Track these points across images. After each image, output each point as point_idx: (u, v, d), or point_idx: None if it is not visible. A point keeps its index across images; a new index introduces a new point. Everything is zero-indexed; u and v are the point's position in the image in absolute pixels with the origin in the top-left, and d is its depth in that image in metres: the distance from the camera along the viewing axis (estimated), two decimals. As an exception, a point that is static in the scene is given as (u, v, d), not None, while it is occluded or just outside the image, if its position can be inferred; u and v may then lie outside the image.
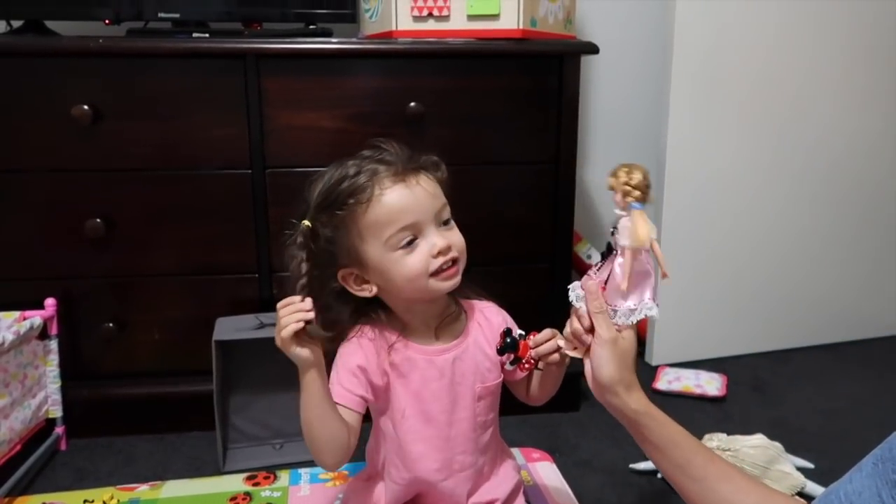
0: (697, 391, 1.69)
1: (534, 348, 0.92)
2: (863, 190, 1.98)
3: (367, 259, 0.89)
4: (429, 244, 0.88)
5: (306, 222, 0.89)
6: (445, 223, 0.91)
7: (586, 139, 2.05)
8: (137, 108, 1.39)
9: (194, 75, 1.39)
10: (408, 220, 0.87)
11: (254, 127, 1.42)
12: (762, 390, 1.75)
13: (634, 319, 0.85)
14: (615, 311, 0.85)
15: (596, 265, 0.89)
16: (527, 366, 0.94)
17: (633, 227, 0.82)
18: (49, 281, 1.42)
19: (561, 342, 0.91)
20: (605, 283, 0.85)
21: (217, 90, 1.40)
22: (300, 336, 0.83)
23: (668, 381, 1.74)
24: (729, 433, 1.40)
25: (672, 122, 1.77)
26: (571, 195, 1.57)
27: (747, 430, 1.40)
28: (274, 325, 1.33)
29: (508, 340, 0.93)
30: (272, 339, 1.32)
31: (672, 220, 1.82)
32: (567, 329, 0.90)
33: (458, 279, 0.92)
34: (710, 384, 1.72)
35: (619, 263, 0.84)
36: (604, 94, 2.04)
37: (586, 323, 0.86)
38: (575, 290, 0.89)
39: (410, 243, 0.88)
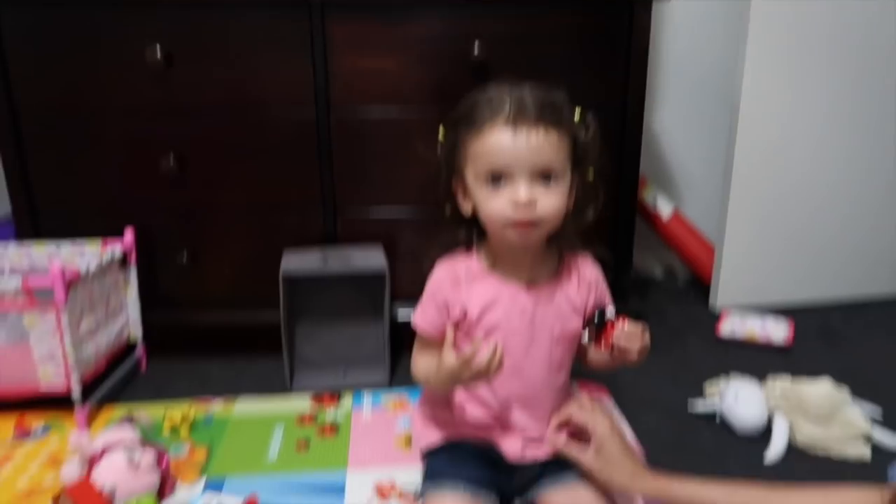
0: (762, 338, 1.66)
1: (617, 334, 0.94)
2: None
3: (466, 180, 0.94)
4: (513, 189, 0.89)
5: (442, 131, 0.96)
6: (545, 179, 0.90)
7: (655, 81, 1.99)
8: (207, 51, 1.42)
9: (261, 19, 1.41)
10: (498, 164, 0.89)
11: (319, 69, 1.43)
12: (831, 340, 1.70)
13: None
14: None
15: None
16: (603, 348, 0.96)
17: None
18: (127, 213, 1.49)
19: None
20: None
21: (283, 33, 1.42)
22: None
23: (731, 326, 1.71)
24: (794, 380, 1.37)
25: (749, 64, 1.70)
26: (638, 139, 1.54)
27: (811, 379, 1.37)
28: (339, 259, 1.40)
29: (596, 321, 0.95)
30: (336, 274, 1.38)
31: (743, 161, 1.77)
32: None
33: (530, 238, 0.92)
34: (777, 331, 1.67)
35: None
36: (675, 35, 1.97)
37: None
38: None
39: (496, 184, 0.90)
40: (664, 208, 1.92)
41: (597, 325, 0.95)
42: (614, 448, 0.95)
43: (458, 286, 0.98)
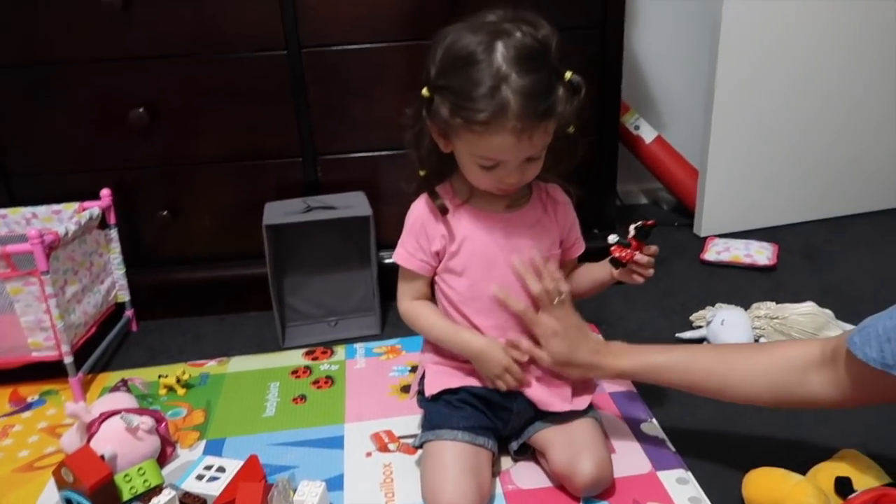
0: (747, 261, 1.67)
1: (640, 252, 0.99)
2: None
3: (454, 143, 0.94)
4: (505, 172, 0.92)
5: (426, 93, 0.92)
6: (533, 157, 0.93)
7: (635, 2, 1.91)
8: (167, -10, 1.35)
9: (221, -48, 1.34)
10: (499, 157, 0.90)
11: (286, 4, 1.37)
12: (815, 258, 1.72)
13: None
14: None
15: None
16: (623, 258, 0.99)
17: None
18: (102, 172, 1.46)
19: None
20: None
21: (245, -35, 1.35)
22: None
23: (716, 251, 1.72)
24: (779, 302, 1.39)
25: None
26: (619, 62, 1.50)
27: (798, 299, 1.39)
28: (322, 207, 1.38)
29: (634, 233, 0.98)
30: (320, 223, 1.37)
31: (725, 85, 1.73)
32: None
33: (511, 194, 0.98)
34: (761, 253, 1.69)
35: None
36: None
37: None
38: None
39: (486, 165, 0.92)
40: (647, 134, 1.89)
41: (635, 235, 0.98)
42: (571, 328, 0.99)
43: (437, 219, 1.00)
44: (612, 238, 1.00)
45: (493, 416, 1.03)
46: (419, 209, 1.01)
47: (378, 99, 1.44)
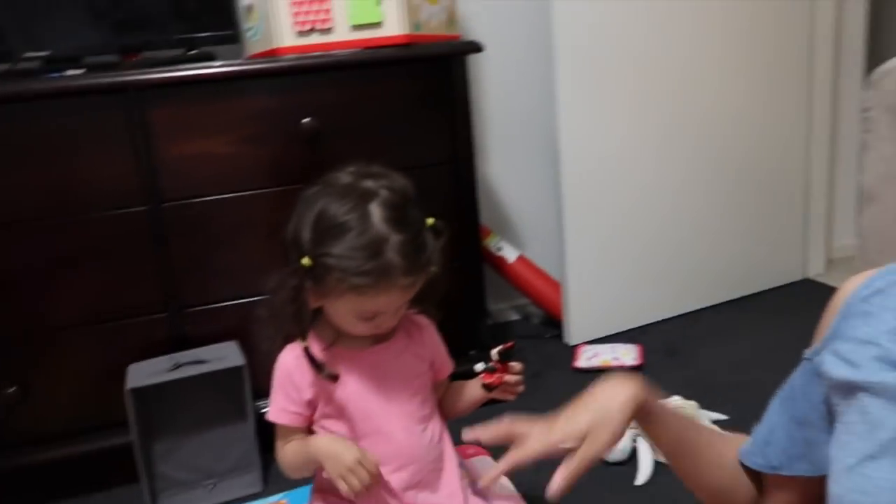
0: (615, 363, 1.77)
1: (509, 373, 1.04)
2: (736, 156, 2.09)
3: (332, 302, 0.94)
4: (383, 319, 0.95)
5: (307, 262, 0.90)
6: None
7: (484, 135, 2.07)
8: (17, 156, 1.31)
9: (73, 115, 1.33)
10: (382, 311, 0.94)
11: (143, 162, 1.37)
12: (675, 353, 1.85)
13: None
14: None
15: None
16: (494, 382, 1.03)
17: None
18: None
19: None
20: None
21: (99, 128, 1.34)
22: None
23: (586, 358, 1.81)
24: (649, 400, 1.47)
25: (561, 107, 1.81)
26: (474, 192, 1.61)
27: (665, 394, 1.47)
28: (191, 363, 1.32)
29: (500, 358, 1.03)
30: (190, 380, 1.31)
31: (572, 201, 1.88)
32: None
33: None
34: (627, 355, 1.80)
35: None
36: (495, 89, 2.07)
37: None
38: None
39: (370, 318, 0.94)
40: (509, 254, 2.00)
41: (500, 359, 1.03)
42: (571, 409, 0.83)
43: (306, 369, 0.98)
44: (479, 366, 1.05)
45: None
46: (285, 361, 0.99)
47: (243, 246, 1.44)
